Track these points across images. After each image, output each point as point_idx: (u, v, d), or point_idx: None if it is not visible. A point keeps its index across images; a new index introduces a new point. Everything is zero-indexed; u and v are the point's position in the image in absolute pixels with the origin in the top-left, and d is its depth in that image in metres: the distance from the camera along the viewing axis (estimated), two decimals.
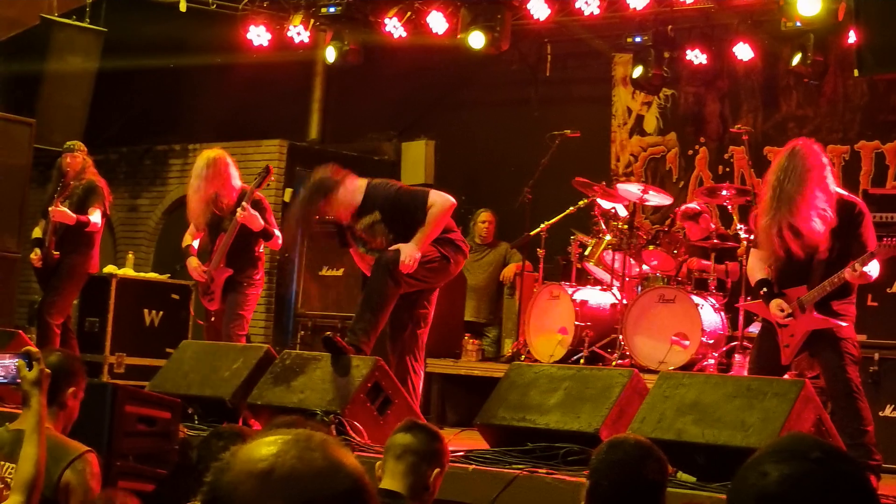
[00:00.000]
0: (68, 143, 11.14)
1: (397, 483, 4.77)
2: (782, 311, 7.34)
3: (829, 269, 7.29)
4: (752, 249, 7.92)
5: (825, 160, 7.39)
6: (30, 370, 4.79)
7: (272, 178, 10.05)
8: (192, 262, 9.99)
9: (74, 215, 10.63)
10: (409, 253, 8.18)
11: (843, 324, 7.28)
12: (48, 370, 4.89)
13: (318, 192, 8.50)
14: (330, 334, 8.05)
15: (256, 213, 9.72)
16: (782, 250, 7.36)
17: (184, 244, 10.19)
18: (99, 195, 10.87)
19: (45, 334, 10.59)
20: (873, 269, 7.27)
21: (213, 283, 9.86)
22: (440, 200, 8.38)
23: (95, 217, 10.75)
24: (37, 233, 11.03)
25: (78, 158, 10.92)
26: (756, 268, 7.65)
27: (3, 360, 4.92)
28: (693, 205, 11.25)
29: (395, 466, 4.81)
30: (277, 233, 10.04)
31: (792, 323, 7.35)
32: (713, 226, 10.92)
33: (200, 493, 1.92)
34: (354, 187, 8.55)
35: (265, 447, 1.91)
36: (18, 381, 4.84)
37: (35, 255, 10.89)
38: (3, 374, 4.91)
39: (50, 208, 10.67)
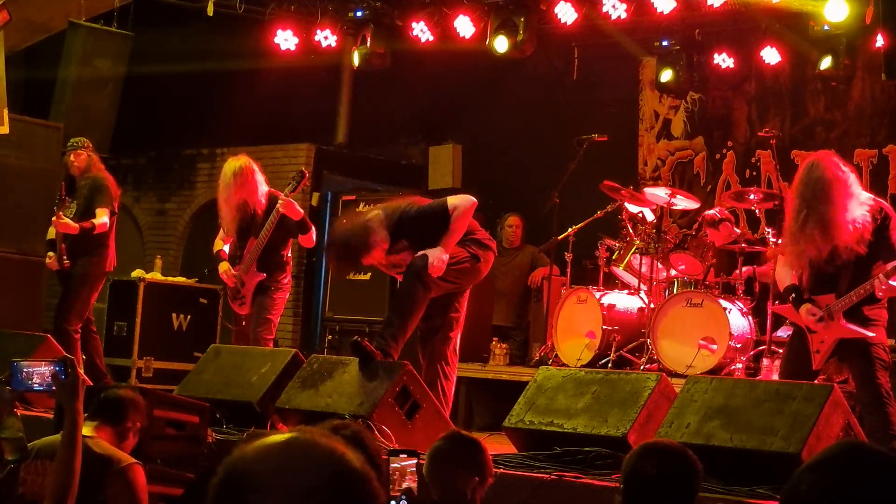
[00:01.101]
0: (72, 139, 11.01)
1: (435, 491, 4.81)
2: (813, 315, 7.33)
3: (856, 276, 7.28)
4: (779, 256, 7.89)
5: (845, 169, 7.37)
6: (65, 378, 4.79)
7: (307, 184, 10.05)
8: (223, 267, 10.02)
9: (77, 224, 10.49)
10: (436, 255, 8.19)
11: (871, 334, 7.26)
12: (84, 377, 4.89)
13: (353, 256, 8.44)
14: (358, 338, 8.07)
15: (294, 202, 9.74)
16: (814, 260, 7.35)
17: (214, 249, 10.21)
18: (105, 193, 10.72)
19: (65, 340, 10.33)
20: None
21: (244, 287, 9.87)
22: (461, 202, 8.38)
23: (102, 219, 10.59)
24: (51, 234, 10.94)
25: (82, 155, 10.77)
26: (784, 274, 7.64)
27: (38, 367, 4.91)
28: (714, 211, 11.21)
29: (433, 474, 4.85)
30: (314, 230, 10.03)
31: (821, 329, 7.33)
32: (738, 230, 10.88)
33: (214, 482, 2.06)
34: (381, 230, 8.41)
35: (274, 440, 2.08)
36: (54, 388, 4.84)
37: (49, 258, 10.82)
38: (38, 381, 4.91)
39: (52, 219, 10.59)
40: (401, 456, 4.48)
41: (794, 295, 7.51)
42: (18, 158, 12.36)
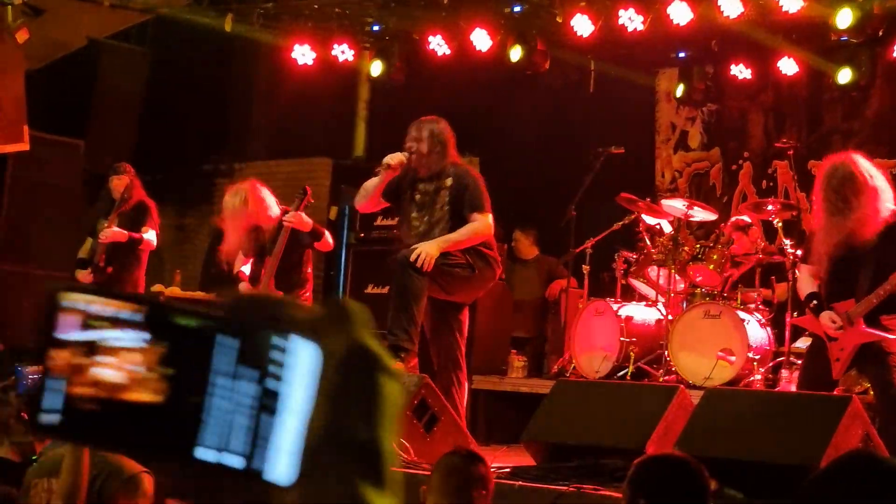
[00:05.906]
0: (116, 164, 11.28)
1: (444, 501, 4.88)
2: (833, 322, 7.33)
3: (875, 281, 7.29)
4: (801, 265, 7.90)
5: (871, 170, 7.40)
6: None
7: (311, 200, 10.08)
8: (242, 287, 10.06)
9: (126, 232, 10.77)
10: (425, 249, 8.19)
11: (892, 336, 7.27)
12: None
13: (430, 127, 8.78)
14: None
15: (302, 214, 9.77)
16: (834, 263, 7.38)
17: (234, 270, 10.26)
18: (151, 216, 11.02)
19: None
20: None
21: None
22: (484, 223, 8.39)
23: (150, 235, 10.95)
24: (83, 252, 11.12)
25: (125, 179, 11.06)
26: (806, 282, 7.66)
27: (37, 373, 4.94)
28: (744, 217, 11.20)
29: (442, 486, 4.93)
30: (327, 233, 10.06)
31: (841, 336, 7.34)
32: (762, 241, 10.88)
33: None
34: (453, 152, 8.71)
35: None
36: None
37: (81, 274, 10.95)
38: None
39: (101, 231, 10.78)
40: None
41: (814, 302, 7.52)
42: (39, 175, 12.44)
